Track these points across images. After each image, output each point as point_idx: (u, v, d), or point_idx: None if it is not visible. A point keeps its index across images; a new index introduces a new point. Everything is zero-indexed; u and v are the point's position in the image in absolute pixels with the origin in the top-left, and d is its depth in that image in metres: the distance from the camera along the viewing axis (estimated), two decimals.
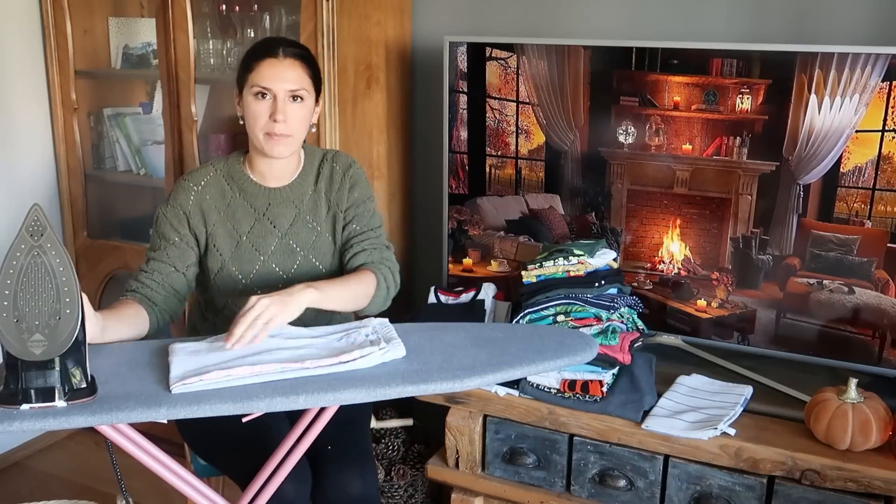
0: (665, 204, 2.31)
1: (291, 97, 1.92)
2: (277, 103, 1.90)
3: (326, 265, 2.05)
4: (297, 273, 2.03)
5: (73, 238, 3.08)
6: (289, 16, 2.61)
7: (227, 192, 2.03)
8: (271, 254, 2.02)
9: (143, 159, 3.02)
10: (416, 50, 2.75)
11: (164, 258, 1.98)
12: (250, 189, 2.03)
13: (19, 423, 1.39)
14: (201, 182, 2.02)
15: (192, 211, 2.00)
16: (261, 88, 1.90)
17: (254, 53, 1.95)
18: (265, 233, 2.02)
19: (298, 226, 2.03)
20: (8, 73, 2.92)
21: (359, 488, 1.88)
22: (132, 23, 3.06)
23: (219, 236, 2.01)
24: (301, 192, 2.04)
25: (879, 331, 2.11)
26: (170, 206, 2.01)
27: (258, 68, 1.91)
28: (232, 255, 2.01)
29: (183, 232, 2.00)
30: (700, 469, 1.97)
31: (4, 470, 3.06)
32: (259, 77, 1.91)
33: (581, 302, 2.14)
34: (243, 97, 1.95)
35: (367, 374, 1.56)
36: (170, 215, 2.00)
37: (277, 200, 2.03)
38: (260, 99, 1.91)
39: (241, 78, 1.96)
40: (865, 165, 2.04)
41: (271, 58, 1.91)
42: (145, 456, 1.61)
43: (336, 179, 2.06)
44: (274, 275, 2.02)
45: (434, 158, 2.71)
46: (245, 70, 1.94)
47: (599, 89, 2.31)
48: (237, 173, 2.03)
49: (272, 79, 1.90)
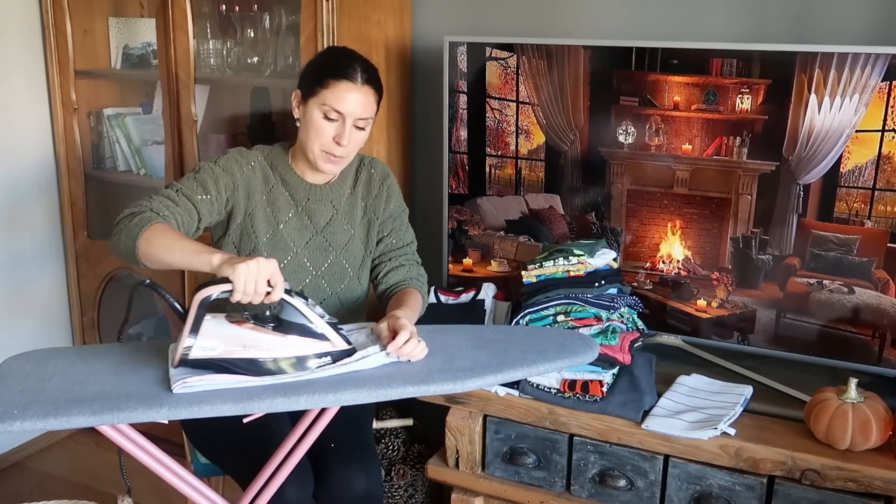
0: (665, 204, 2.31)
1: (358, 125, 1.91)
2: (345, 128, 1.89)
3: (355, 268, 2.08)
4: (327, 272, 2.04)
5: (73, 238, 3.08)
6: (289, 16, 2.61)
7: (270, 178, 2.02)
8: (304, 247, 2.03)
9: (143, 159, 3.02)
10: (416, 50, 2.75)
11: (192, 200, 1.87)
12: (292, 181, 2.02)
13: (21, 423, 1.40)
14: (251, 162, 1.99)
15: (239, 183, 1.96)
16: (333, 110, 1.88)
17: (331, 70, 1.90)
18: (301, 226, 2.03)
19: (335, 226, 2.05)
20: (8, 74, 2.92)
21: (363, 485, 1.88)
22: (132, 23, 3.06)
23: (257, 219, 1.99)
24: (339, 194, 2.06)
25: (879, 331, 2.11)
26: (220, 166, 1.94)
27: (334, 89, 1.87)
28: (267, 241, 2.00)
29: (220, 190, 1.92)
30: (700, 469, 1.97)
31: (4, 470, 3.06)
32: (334, 100, 1.87)
33: (581, 302, 2.14)
34: (308, 107, 1.91)
35: (369, 375, 1.57)
36: (217, 172, 1.92)
37: (317, 197, 2.03)
38: (328, 119, 1.89)
39: (310, 87, 1.91)
40: (865, 165, 2.04)
41: (349, 82, 1.88)
42: (145, 456, 1.61)
43: (374, 187, 2.08)
44: (304, 268, 2.03)
45: (434, 158, 2.71)
46: (318, 83, 1.89)
47: (599, 89, 2.31)
48: (281, 163, 2.03)
49: (347, 105, 1.88)
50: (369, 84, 1.91)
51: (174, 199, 1.84)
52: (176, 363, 1.53)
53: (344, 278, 2.06)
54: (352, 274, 2.07)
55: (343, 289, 2.07)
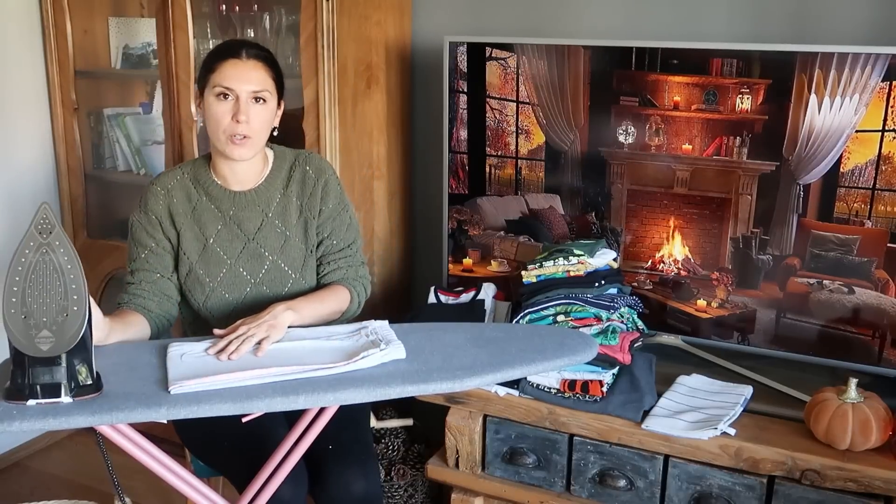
0: (665, 204, 2.31)
1: (254, 98, 1.91)
2: (240, 104, 1.89)
3: (297, 270, 2.04)
4: (266, 278, 2.02)
5: (73, 238, 3.08)
6: (289, 16, 2.62)
7: (193, 195, 2.02)
8: (238, 258, 2.01)
9: (143, 159, 3.02)
10: (416, 50, 2.75)
11: (147, 266, 1.99)
12: (215, 193, 2.01)
13: (20, 423, 1.39)
14: (168, 185, 2.02)
15: (162, 215, 2.00)
16: (223, 89, 1.89)
17: (216, 54, 1.94)
18: (232, 237, 2.01)
19: (266, 230, 2.02)
20: (8, 73, 2.92)
21: (362, 486, 1.87)
22: (132, 23, 3.06)
23: (186, 240, 2.00)
24: (268, 197, 2.03)
25: (879, 331, 2.11)
26: (142, 212, 2.01)
27: (220, 69, 1.90)
28: (199, 258, 2.00)
29: (158, 237, 2.01)
30: (700, 469, 1.97)
31: (4, 470, 3.06)
32: (221, 77, 1.89)
33: (581, 302, 2.14)
34: (204, 98, 1.93)
35: (367, 374, 1.57)
36: (143, 222, 2.01)
37: (242, 204, 2.01)
38: (222, 100, 1.90)
39: (202, 79, 1.94)
40: (865, 165, 2.04)
41: (234, 59, 1.90)
42: (145, 456, 1.61)
43: (309, 184, 2.04)
44: (242, 279, 2.01)
45: (434, 158, 2.71)
46: (207, 71, 1.92)
47: (599, 89, 2.31)
48: (203, 176, 2.03)
49: (235, 79, 1.89)
50: (256, 59, 1.92)
51: (135, 280, 1.99)
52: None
53: (286, 282, 2.02)
54: (294, 276, 2.03)
55: (287, 292, 2.02)
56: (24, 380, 1.43)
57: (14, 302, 1.42)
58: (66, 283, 1.43)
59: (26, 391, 1.43)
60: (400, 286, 2.88)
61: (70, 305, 1.43)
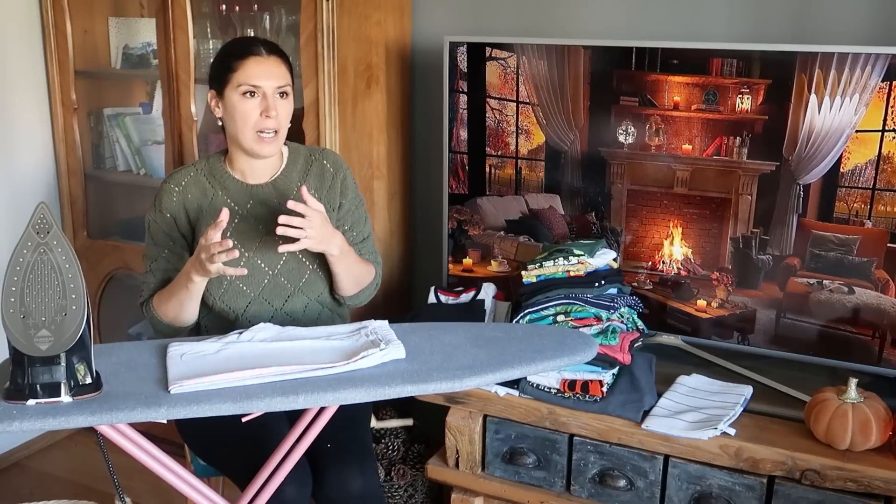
0: (665, 204, 2.31)
1: (279, 94, 1.94)
2: (268, 100, 1.92)
3: (313, 262, 2.05)
4: (283, 269, 2.03)
5: (72, 238, 3.08)
6: (289, 16, 2.62)
7: (208, 190, 2.03)
8: (255, 250, 2.02)
9: (143, 159, 3.02)
10: (416, 50, 2.75)
11: (165, 266, 2.02)
12: (232, 186, 2.03)
13: (20, 423, 1.40)
14: (182, 182, 2.04)
15: (177, 213, 2.02)
16: (250, 87, 1.91)
17: (233, 54, 1.95)
18: (248, 229, 2.02)
19: None
20: (8, 73, 2.92)
21: (359, 485, 1.88)
22: (132, 23, 3.06)
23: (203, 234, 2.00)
24: (285, 189, 2.04)
25: (879, 331, 2.11)
26: (157, 211, 2.04)
27: (243, 67, 1.92)
28: None
29: (175, 236, 2.03)
30: (700, 469, 1.97)
31: (4, 470, 3.06)
32: (246, 76, 1.91)
33: (581, 302, 2.14)
34: (225, 98, 1.94)
35: (367, 373, 1.57)
36: (159, 221, 2.03)
37: (260, 198, 2.03)
38: (249, 97, 1.92)
39: (220, 79, 1.95)
40: (865, 165, 2.04)
41: (256, 56, 1.93)
42: (145, 456, 1.61)
43: (327, 178, 2.07)
44: (259, 270, 2.02)
45: (434, 158, 2.71)
46: (227, 70, 1.93)
47: (599, 89, 2.31)
48: (218, 171, 2.04)
49: (261, 76, 1.91)
50: (274, 54, 1.96)
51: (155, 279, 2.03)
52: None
53: (303, 272, 2.04)
54: (312, 267, 2.05)
55: (305, 283, 2.05)
56: (24, 379, 1.43)
57: (13, 302, 1.42)
58: (65, 282, 1.44)
59: (26, 391, 1.43)
60: (400, 286, 2.88)
61: (68, 304, 1.43)
